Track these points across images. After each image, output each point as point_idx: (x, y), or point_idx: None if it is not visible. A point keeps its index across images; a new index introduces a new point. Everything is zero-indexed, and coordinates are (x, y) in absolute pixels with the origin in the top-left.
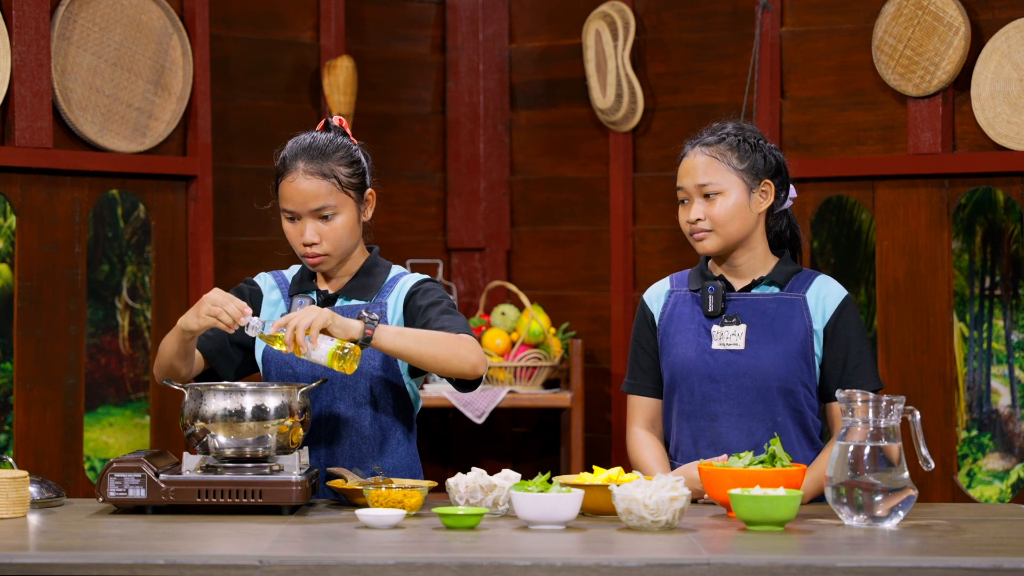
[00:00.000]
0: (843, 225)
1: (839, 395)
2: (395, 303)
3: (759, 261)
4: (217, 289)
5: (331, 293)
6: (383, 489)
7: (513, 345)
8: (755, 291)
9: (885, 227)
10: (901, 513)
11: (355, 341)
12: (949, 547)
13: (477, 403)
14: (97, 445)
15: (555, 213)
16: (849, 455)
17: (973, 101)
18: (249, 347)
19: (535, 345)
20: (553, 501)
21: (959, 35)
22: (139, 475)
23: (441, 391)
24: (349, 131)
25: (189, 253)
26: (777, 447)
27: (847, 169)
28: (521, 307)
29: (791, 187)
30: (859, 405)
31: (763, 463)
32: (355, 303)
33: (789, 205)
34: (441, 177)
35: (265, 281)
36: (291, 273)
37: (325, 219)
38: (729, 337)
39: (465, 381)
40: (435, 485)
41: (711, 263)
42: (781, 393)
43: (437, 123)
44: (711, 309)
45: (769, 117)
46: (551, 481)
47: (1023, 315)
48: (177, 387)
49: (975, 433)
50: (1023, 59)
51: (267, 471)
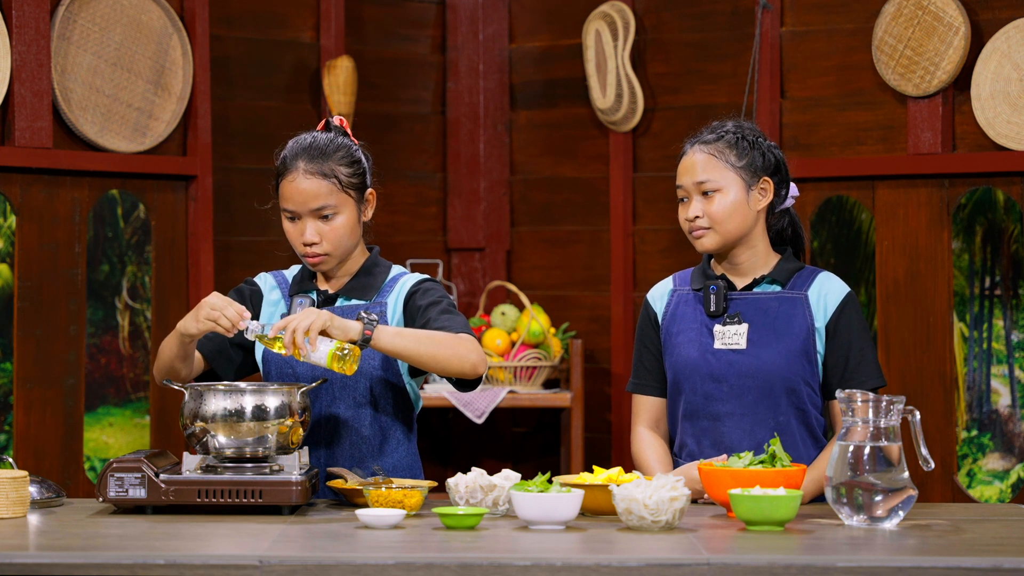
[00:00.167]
0: (843, 225)
1: (839, 395)
2: (395, 303)
3: (760, 259)
4: (216, 293)
5: (331, 293)
6: (383, 489)
7: (513, 345)
8: (757, 290)
9: (885, 227)
10: (901, 513)
11: (354, 342)
12: (949, 547)
13: (477, 403)
14: (97, 445)
15: (555, 213)
16: (849, 455)
17: (973, 101)
18: (249, 348)
19: (535, 345)
20: (553, 501)
21: (959, 35)
22: (139, 475)
23: (441, 391)
24: (349, 131)
25: (189, 253)
26: (777, 447)
27: (847, 169)
28: (521, 307)
29: (792, 186)
30: (859, 405)
31: (763, 463)
32: (355, 303)
33: (791, 204)
34: (441, 177)
35: (265, 281)
36: (291, 273)
37: (325, 219)
38: (731, 337)
39: (465, 381)
40: (435, 485)
41: (713, 262)
42: (784, 392)
43: (437, 123)
44: (713, 309)
45: (769, 117)
46: (551, 481)
47: (1023, 315)
48: (177, 387)
49: (975, 433)
50: (1023, 59)
51: (267, 471)
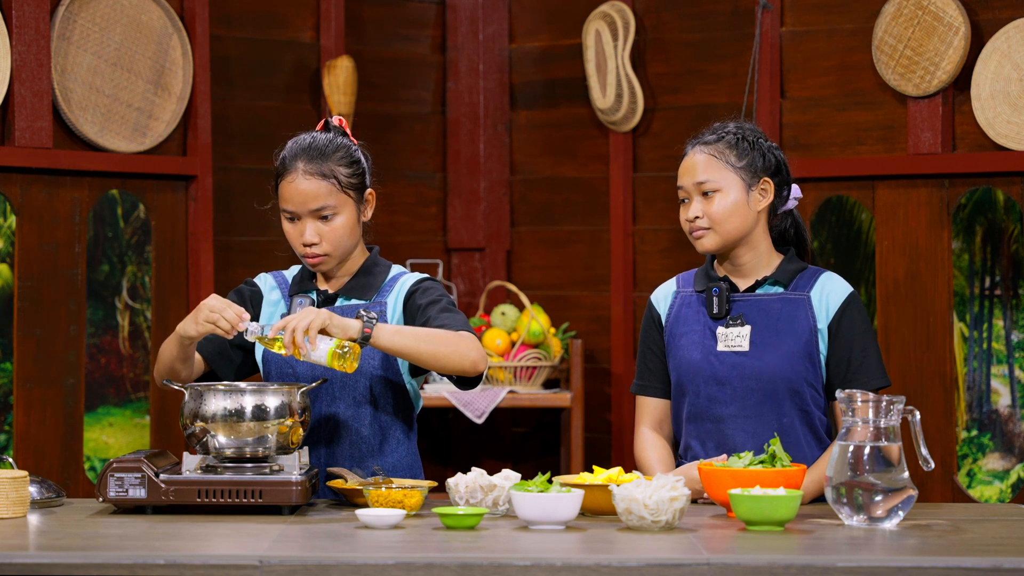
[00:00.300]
0: (843, 225)
1: (839, 395)
2: (395, 302)
3: (763, 260)
4: (215, 295)
5: (331, 293)
6: (383, 489)
7: (513, 345)
8: (759, 291)
9: (885, 227)
10: (901, 513)
11: (354, 340)
12: (949, 547)
13: (477, 403)
14: (97, 445)
15: (555, 213)
16: (849, 455)
17: (973, 101)
18: (249, 348)
19: (535, 345)
20: (553, 501)
21: (959, 35)
22: (139, 475)
23: (441, 391)
24: (349, 131)
25: (189, 253)
26: (777, 447)
27: (847, 169)
28: (521, 307)
29: (795, 187)
30: (859, 405)
31: (763, 463)
32: (355, 303)
33: (794, 205)
34: (441, 177)
35: (265, 282)
36: (291, 273)
37: (325, 219)
38: (734, 339)
39: (466, 379)
40: (435, 485)
41: (716, 263)
42: (787, 394)
43: (437, 123)
44: (716, 311)
45: (769, 117)
46: (551, 481)
47: (1023, 315)
48: (177, 387)
49: (975, 433)
50: (1023, 59)
51: (267, 471)
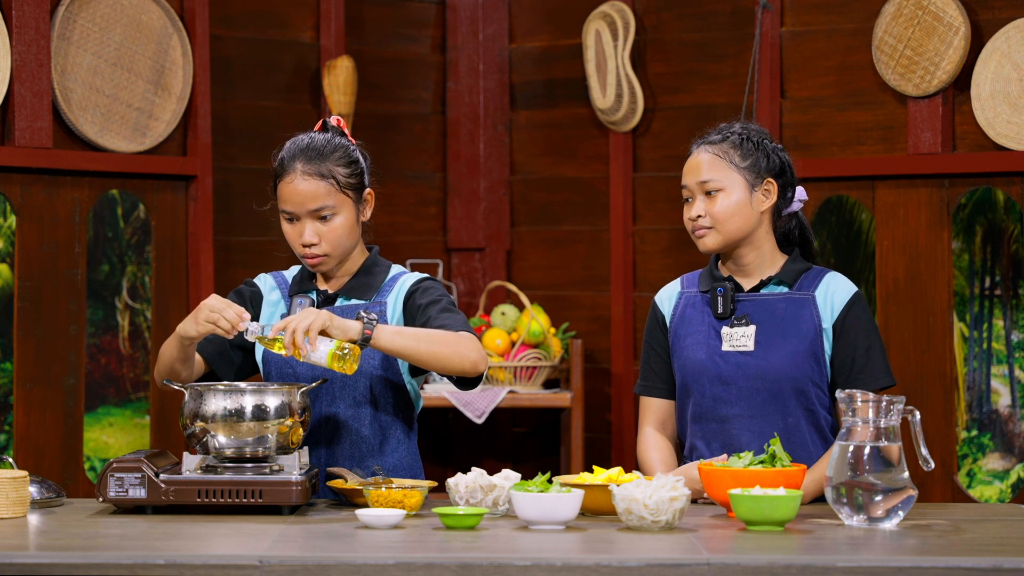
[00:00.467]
0: (843, 225)
1: (839, 395)
2: (395, 302)
3: (767, 260)
4: (215, 295)
5: (331, 293)
6: (383, 489)
7: (513, 345)
8: (764, 291)
9: (885, 227)
10: (901, 513)
11: (354, 341)
12: (949, 547)
13: (477, 403)
14: (97, 445)
15: (555, 213)
16: (849, 455)
17: (973, 101)
18: (249, 349)
19: (535, 345)
20: (553, 501)
21: (959, 35)
22: (139, 475)
23: (441, 391)
24: (347, 131)
25: (189, 253)
26: (777, 447)
27: (847, 169)
28: (521, 307)
29: (800, 189)
30: (859, 405)
31: (763, 463)
32: (355, 303)
33: (798, 207)
34: (441, 177)
35: (265, 282)
36: (291, 273)
37: (324, 220)
38: (739, 339)
39: (466, 379)
40: (435, 485)
41: (720, 263)
42: (792, 393)
43: (437, 123)
44: (720, 311)
45: (769, 117)
46: (551, 481)
47: (1023, 315)
48: (177, 387)
49: (975, 433)
50: (1023, 59)
51: (267, 471)
